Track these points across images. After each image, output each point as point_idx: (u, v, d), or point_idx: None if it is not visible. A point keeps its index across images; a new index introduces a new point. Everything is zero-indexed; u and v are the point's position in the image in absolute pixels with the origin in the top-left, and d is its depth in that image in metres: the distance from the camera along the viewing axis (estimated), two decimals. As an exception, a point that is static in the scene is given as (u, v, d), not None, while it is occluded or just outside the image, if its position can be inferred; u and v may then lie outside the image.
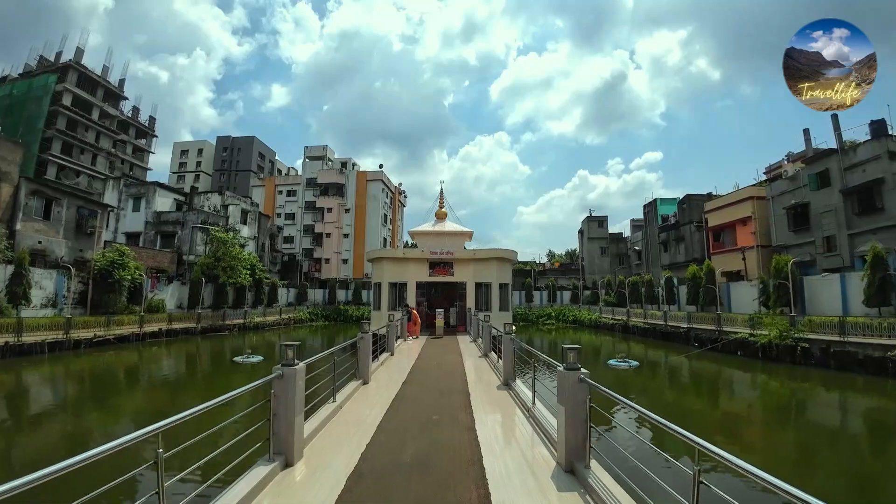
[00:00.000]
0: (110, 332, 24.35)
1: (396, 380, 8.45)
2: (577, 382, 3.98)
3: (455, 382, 8.25)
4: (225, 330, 31.33)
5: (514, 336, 7.87)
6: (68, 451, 2.01)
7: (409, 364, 10.69)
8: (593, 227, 52.15)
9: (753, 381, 17.19)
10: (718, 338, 23.37)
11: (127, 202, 39.32)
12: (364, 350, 7.95)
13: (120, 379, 17.05)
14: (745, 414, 12.94)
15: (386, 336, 12.11)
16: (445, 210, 26.15)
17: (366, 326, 8.10)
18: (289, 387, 4.02)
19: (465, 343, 16.20)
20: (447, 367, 10.22)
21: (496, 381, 8.48)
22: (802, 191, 29.67)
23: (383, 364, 10.60)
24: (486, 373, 9.51)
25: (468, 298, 21.67)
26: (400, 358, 11.93)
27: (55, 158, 48.84)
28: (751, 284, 27.77)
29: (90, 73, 53.00)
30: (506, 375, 7.97)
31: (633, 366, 17.01)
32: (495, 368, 9.80)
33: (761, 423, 12.07)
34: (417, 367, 10.14)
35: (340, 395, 6.64)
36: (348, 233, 54.08)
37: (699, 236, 37.37)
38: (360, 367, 7.96)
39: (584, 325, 39.53)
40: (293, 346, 4.19)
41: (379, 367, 10.01)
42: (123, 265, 27.21)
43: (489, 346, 11.89)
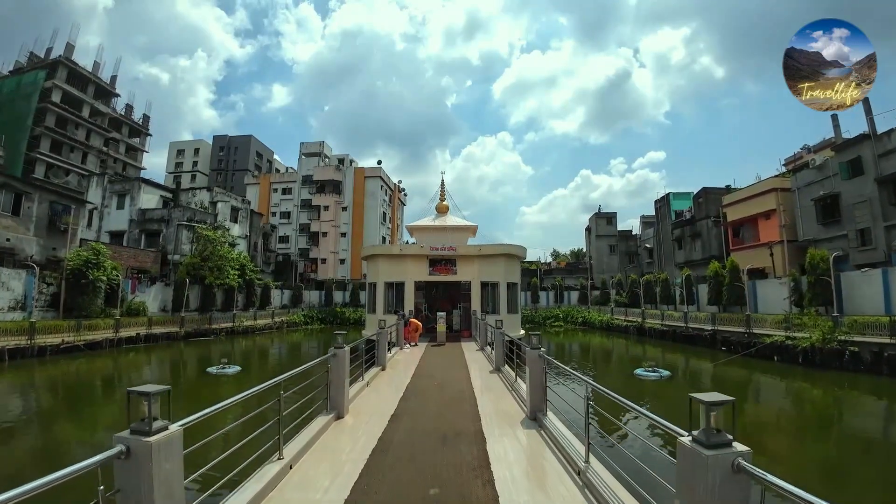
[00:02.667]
0: (80, 338, 22.34)
1: (383, 412, 6.30)
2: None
3: (463, 417, 6.07)
4: (211, 334, 29.21)
5: (542, 352, 5.68)
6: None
7: (403, 384, 8.50)
8: (601, 224, 49.86)
9: (806, 391, 14.93)
10: (749, 341, 21.18)
11: (111, 199, 37.28)
12: (338, 372, 5.75)
13: (60, 394, 14.81)
14: (817, 434, 10.69)
15: (376, 347, 9.90)
16: (447, 203, 23.87)
17: (339, 340, 5.90)
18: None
19: (470, 351, 13.96)
20: (452, 390, 8.07)
21: (518, 412, 6.27)
22: (832, 180, 27.49)
23: (370, 384, 8.39)
24: (503, 398, 7.30)
25: (473, 300, 19.43)
26: (393, 374, 9.74)
27: (44, 157, 47.40)
28: (780, 282, 25.51)
29: (80, 69, 51.44)
30: (532, 407, 5.77)
31: (664, 376, 14.78)
32: (513, 390, 7.60)
33: (836, 444, 9.85)
34: (413, 390, 8.00)
35: (298, 442, 4.47)
36: (345, 232, 51.81)
37: (717, 232, 35.10)
38: (331, 397, 5.77)
39: (594, 327, 37.24)
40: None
41: (363, 390, 7.80)
42: (98, 265, 25.20)
43: (502, 359, 9.66)
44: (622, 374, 17.07)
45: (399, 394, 7.56)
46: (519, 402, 6.77)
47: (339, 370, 5.73)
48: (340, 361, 5.73)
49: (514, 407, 6.57)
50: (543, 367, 5.59)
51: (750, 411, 12.60)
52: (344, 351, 5.78)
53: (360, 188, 52.80)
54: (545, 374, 5.64)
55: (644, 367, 15.27)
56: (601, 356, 25.61)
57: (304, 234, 53.44)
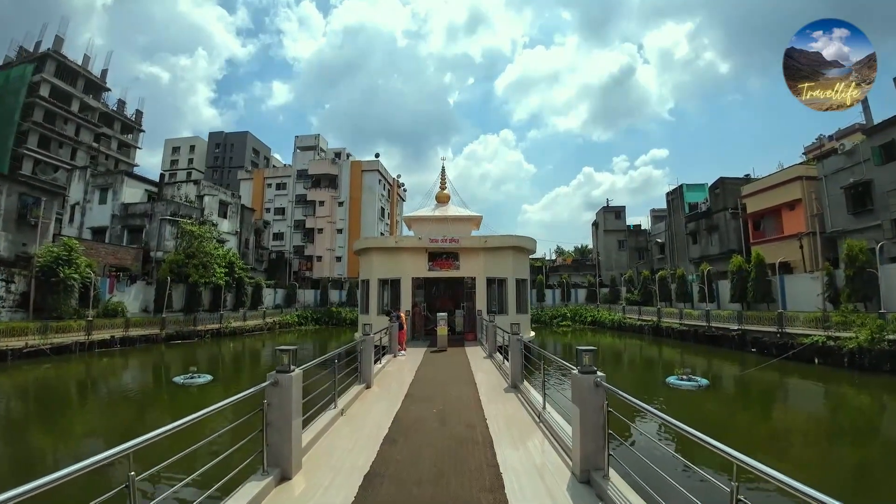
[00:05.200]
0: (47, 341, 20.36)
1: (353, 466, 4.26)
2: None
3: (476, 479, 3.96)
4: (195, 337, 27.17)
5: (601, 378, 3.61)
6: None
7: (391, 411, 6.44)
8: (610, 218, 47.63)
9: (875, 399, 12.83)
10: (784, 342, 19.11)
11: (94, 194, 35.19)
12: (281, 411, 3.67)
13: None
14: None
15: (359, 360, 7.75)
16: (448, 192, 21.68)
17: (286, 361, 3.81)
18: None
19: (477, 359, 11.81)
20: (457, 423, 5.87)
21: (558, 466, 4.14)
22: (863, 166, 25.41)
23: (346, 413, 6.30)
24: (530, 435, 5.15)
25: (478, 298, 17.28)
26: (380, 394, 7.63)
27: (31, 153, 45.74)
28: (811, 277, 23.40)
29: (69, 62, 49.74)
30: (584, 461, 3.69)
31: (702, 385, 12.69)
32: (544, 425, 5.48)
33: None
34: (402, 424, 5.82)
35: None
36: (342, 228, 49.62)
37: (735, 224, 32.95)
38: (271, 446, 3.69)
39: (605, 327, 35.10)
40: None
41: (334, 423, 5.71)
42: (71, 262, 23.22)
43: (520, 373, 7.54)
44: (653, 384, 14.93)
45: (382, 430, 5.45)
46: (556, 446, 4.68)
47: (283, 407, 3.65)
48: (284, 393, 3.65)
49: (550, 456, 4.46)
50: (603, 403, 3.51)
51: (825, 427, 10.51)
52: (290, 378, 3.69)
53: (357, 182, 50.63)
54: (606, 413, 3.55)
55: (678, 375, 13.18)
56: (623, 360, 23.34)
57: (299, 231, 51.31)
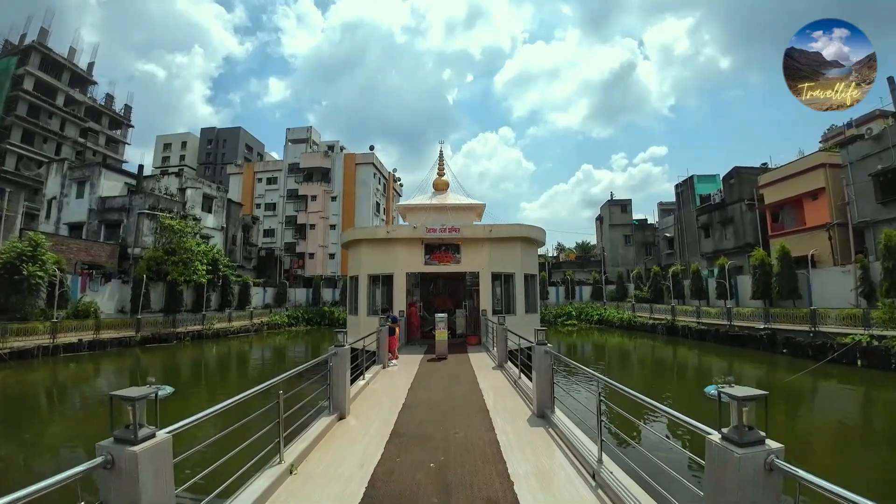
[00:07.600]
0: (5, 345, 18.46)
1: None
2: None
3: None
4: (174, 339, 25.15)
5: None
6: None
7: (366, 470, 4.15)
8: (615, 212, 45.69)
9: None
10: (820, 342, 17.28)
11: (70, 187, 33.04)
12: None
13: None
14: None
15: (328, 382, 5.45)
16: (447, 178, 19.68)
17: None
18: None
19: (484, 371, 9.57)
20: (468, 496, 3.58)
21: None
22: (892, 152, 23.49)
23: (297, 469, 4.09)
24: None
25: (482, 296, 15.29)
26: (356, 432, 5.32)
27: (14, 148, 43.79)
28: (842, 271, 21.55)
29: (55, 54, 47.62)
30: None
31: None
32: (602, 487, 3.50)
33: None
34: (379, 497, 3.60)
35: None
36: (335, 223, 47.49)
37: (752, 216, 31.05)
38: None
39: (612, 326, 33.19)
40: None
41: (285, 483, 3.71)
42: (36, 258, 21.26)
43: (550, 397, 5.48)
44: (686, 395, 13.01)
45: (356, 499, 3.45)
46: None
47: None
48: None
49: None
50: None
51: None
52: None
53: (351, 176, 48.52)
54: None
55: (716, 384, 11.26)
56: (646, 364, 21.23)
57: (291, 227, 49.19)
